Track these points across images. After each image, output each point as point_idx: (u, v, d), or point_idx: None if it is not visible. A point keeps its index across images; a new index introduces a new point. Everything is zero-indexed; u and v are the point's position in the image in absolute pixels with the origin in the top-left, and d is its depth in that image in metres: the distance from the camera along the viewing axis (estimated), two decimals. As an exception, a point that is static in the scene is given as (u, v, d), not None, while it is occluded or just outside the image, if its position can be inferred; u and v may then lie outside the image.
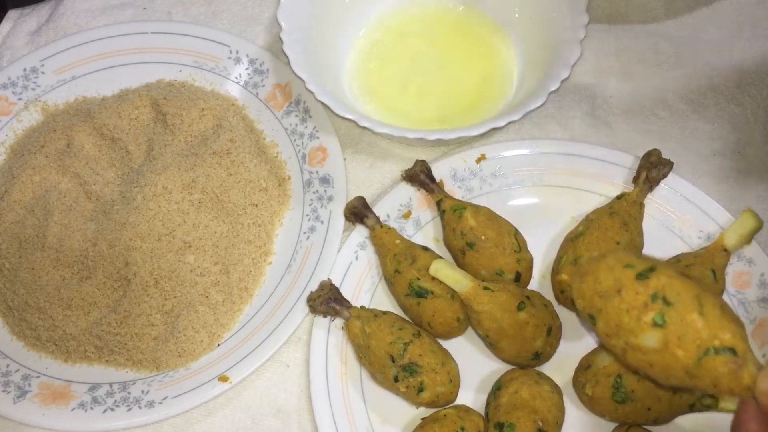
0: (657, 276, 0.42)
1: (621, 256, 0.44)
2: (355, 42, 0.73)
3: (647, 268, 0.43)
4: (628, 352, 0.44)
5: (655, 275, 0.43)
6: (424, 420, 0.57)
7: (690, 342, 0.41)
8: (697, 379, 0.42)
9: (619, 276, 0.43)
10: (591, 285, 0.44)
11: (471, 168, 0.66)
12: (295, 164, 0.68)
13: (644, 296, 0.42)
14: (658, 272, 0.43)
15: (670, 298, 0.42)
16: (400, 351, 0.57)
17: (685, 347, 0.41)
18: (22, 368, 0.62)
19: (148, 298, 0.62)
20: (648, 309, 0.42)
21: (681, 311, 0.41)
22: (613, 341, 0.44)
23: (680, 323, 0.41)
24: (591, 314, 0.45)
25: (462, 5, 0.74)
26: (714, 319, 0.41)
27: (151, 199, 0.63)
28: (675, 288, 0.42)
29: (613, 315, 0.43)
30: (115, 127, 0.68)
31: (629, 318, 0.42)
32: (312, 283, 0.62)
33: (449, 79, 0.71)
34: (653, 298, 0.42)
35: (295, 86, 0.70)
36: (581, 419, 0.58)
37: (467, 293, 0.57)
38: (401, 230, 0.64)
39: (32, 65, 0.72)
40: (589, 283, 0.44)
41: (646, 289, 0.42)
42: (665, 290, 0.42)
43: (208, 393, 0.59)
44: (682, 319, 0.41)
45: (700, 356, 0.41)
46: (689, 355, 0.41)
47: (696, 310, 0.41)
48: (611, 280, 0.43)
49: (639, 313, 0.42)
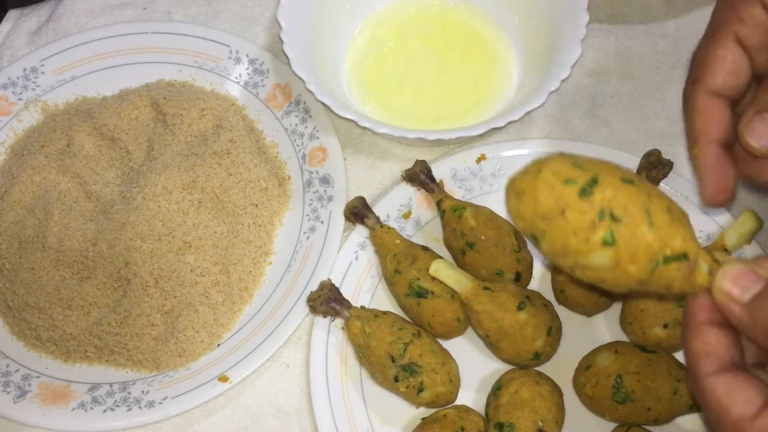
0: (601, 189, 0.39)
1: (558, 168, 0.40)
2: (355, 42, 0.73)
3: (589, 181, 0.39)
4: (577, 270, 0.41)
5: (599, 188, 0.39)
6: (424, 420, 0.57)
7: (642, 256, 0.39)
8: (649, 286, 0.41)
9: (561, 195, 0.39)
10: (530, 206, 0.40)
11: (471, 168, 0.66)
12: (295, 164, 0.68)
13: (591, 215, 0.39)
14: (601, 184, 0.39)
15: (617, 214, 0.39)
16: (400, 351, 0.57)
17: (637, 262, 0.39)
18: (22, 368, 0.62)
19: (148, 298, 0.62)
20: (596, 228, 0.39)
21: (630, 226, 0.39)
22: (560, 261, 0.41)
23: (630, 239, 0.39)
24: (534, 235, 0.41)
25: (461, 5, 0.74)
26: (663, 226, 0.39)
27: (151, 199, 0.63)
28: (621, 200, 0.39)
29: (558, 237, 0.40)
30: (115, 127, 0.68)
31: (577, 240, 0.39)
32: (312, 283, 0.62)
33: (449, 79, 0.71)
34: (600, 215, 0.39)
35: (295, 86, 0.70)
36: (581, 419, 0.58)
37: (467, 293, 0.57)
38: (401, 230, 0.64)
39: (32, 65, 0.72)
40: (527, 204, 0.40)
41: (592, 207, 0.39)
42: (612, 205, 0.39)
43: (208, 393, 0.59)
44: (632, 234, 0.39)
45: (653, 268, 0.40)
46: (642, 268, 0.40)
47: (645, 221, 0.39)
48: (552, 201, 0.39)
49: (587, 234, 0.39)
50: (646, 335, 0.58)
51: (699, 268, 0.40)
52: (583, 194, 0.39)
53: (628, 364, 0.55)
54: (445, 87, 0.71)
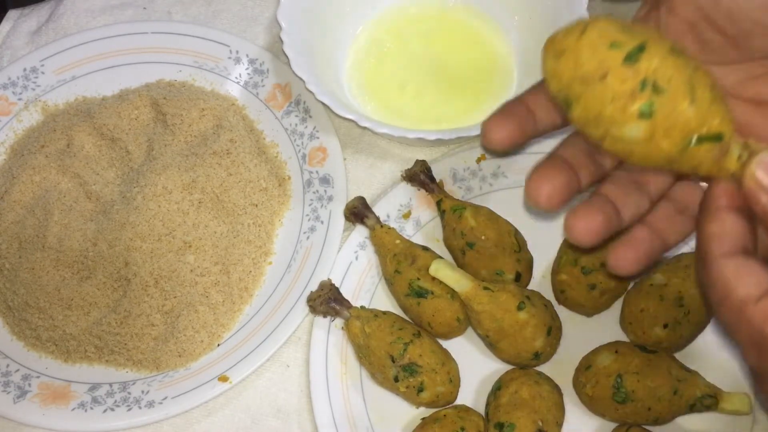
0: (648, 57, 0.37)
1: (604, 29, 0.37)
2: (355, 42, 0.73)
3: (637, 47, 0.37)
4: (606, 141, 0.39)
5: (646, 56, 0.37)
6: (424, 420, 0.57)
7: (677, 132, 0.37)
8: (677, 165, 0.39)
9: (604, 58, 0.37)
10: (570, 66, 0.38)
11: (471, 168, 0.66)
12: (295, 164, 0.68)
13: (632, 83, 0.37)
14: (648, 52, 0.37)
15: (660, 85, 0.37)
16: (400, 351, 0.57)
17: (671, 137, 0.38)
18: (22, 368, 0.62)
19: (148, 298, 0.62)
20: (635, 98, 0.37)
21: (671, 99, 0.37)
22: (591, 129, 0.39)
23: (669, 113, 0.37)
24: (567, 99, 0.39)
25: (461, 5, 0.74)
26: (705, 104, 0.37)
27: (151, 199, 0.63)
28: (667, 72, 0.37)
29: (593, 103, 0.38)
30: (115, 127, 0.68)
31: (613, 108, 0.37)
32: (312, 283, 0.62)
33: (449, 79, 0.71)
34: (642, 85, 0.37)
35: (295, 86, 0.70)
36: (581, 419, 0.58)
37: (467, 293, 0.57)
38: (401, 230, 0.64)
39: (32, 65, 0.72)
40: (567, 64, 0.38)
41: (635, 74, 0.37)
42: (656, 75, 0.37)
43: (208, 393, 0.59)
44: (672, 108, 0.37)
45: (686, 146, 0.38)
46: (674, 144, 0.38)
47: (687, 97, 0.37)
48: (594, 63, 0.37)
49: (625, 103, 0.37)
50: (646, 335, 0.58)
51: (731, 152, 0.38)
52: (628, 60, 0.37)
53: (629, 364, 0.55)
54: (445, 87, 0.71)
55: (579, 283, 0.59)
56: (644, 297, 0.58)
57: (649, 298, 0.58)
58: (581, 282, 0.59)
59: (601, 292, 0.59)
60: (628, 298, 0.59)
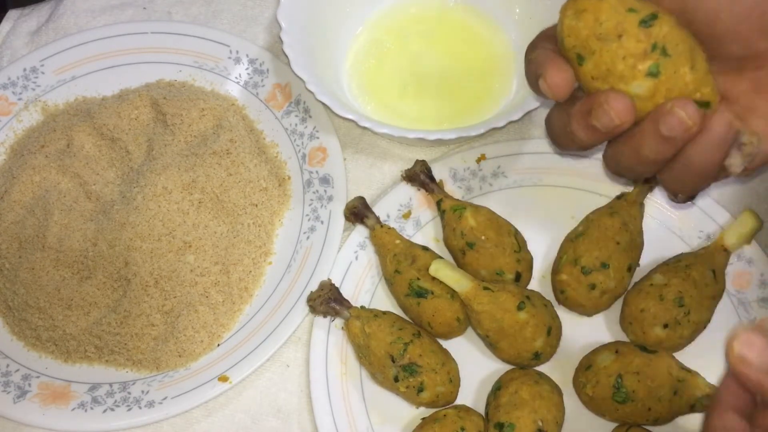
0: (660, 24, 0.41)
1: None
2: (355, 42, 0.73)
3: (650, 15, 0.41)
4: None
5: (658, 23, 0.41)
6: (424, 420, 0.57)
7: (676, 93, 0.42)
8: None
9: (622, 20, 0.41)
10: (589, 24, 0.42)
11: (471, 168, 0.66)
12: (295, 164, 0.68)
13: (645, 44, 0.41)
14: (660, 20, 0.41)
15: (669, 49, 0.41)
16: (400, 351, 0.57)
17: (670, 98, 0.42)
18: (22, 368, 0.62)
19: (148, 298, 0.62)
20: (646, 58, 0.41)
21: (676, 63, 0.41)
22: (598, 83, 0.43)
23: (672, 75, 0.41)
24: (580, 54, 0.43)
25: (461, 5, 0.74)
26: (701, 72, 0.42)
27: (151, 199, 0.63)
28: (675, 39, 0.41)
29: (606, 59, 0.42)
30: (115, 127, 0.68)
31: (624, 65, 0.42)
32: (312, 283, 0.62)
33: (449, 78, 0.71)
34: (653, 47, 0.41)
35: (295, 86, 0.70)
36: (581, 419, 0.58)
37: (467, 293, 0.57)
38: (401, 230, 0.64)
39: (32, 65, 0.72)
40: (587, 22, 0.42)
41: (648, 37, 0.41)
42: (666, 40, 0.41)
43: (208, 393, 0.59)
44: (675, 71, 0.41)
45: None
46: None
47: (689, 63, 0.42)
48: (613, 23, 0.41)
49: (636, 61, 0.41)
50: (646, 335, 0.58)
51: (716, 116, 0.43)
52: (643, 24, 0.41)
53: (629, 364, 0.55)
54: (445, 87, 0.71)
55: (579, 283, 0.59)
56: (644, 297, 0.58)
57: (649, 298, 0.58)
58: (581, 282, 0.59)
59: (601, 292, 0.59)
60: (628, 298, 0.59)
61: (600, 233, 0.59)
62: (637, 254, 0.61)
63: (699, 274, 0.58)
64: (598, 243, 0.59)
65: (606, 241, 0.59)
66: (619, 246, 0.59)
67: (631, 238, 0.60)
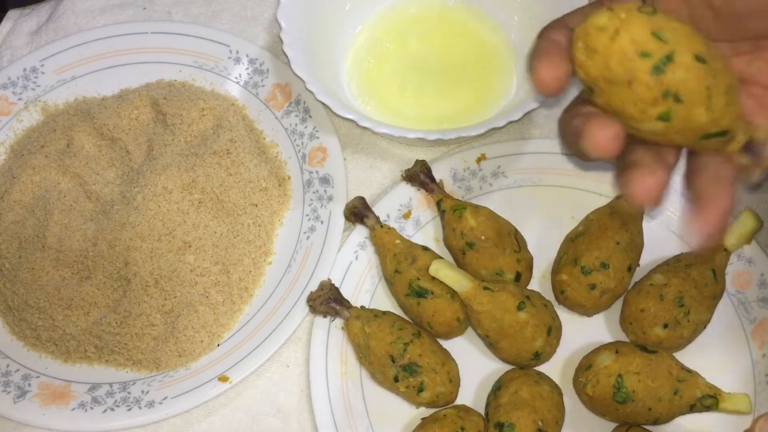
0: (673, 69, 0.38)
1: (636, 35, 0.39)
2: (355, 42, 0.73)
3: (664, 58, 0.38)
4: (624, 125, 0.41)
5: (672, 67, 0.38)
6: (424, 420, 0.57)
7: (690, 131, 0.40)
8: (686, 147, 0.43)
9: (633, 67, 0.39)
10: (599, 67, 0.39)
11: (471, 168, 0.66)
12: (295, 164, 0.68)
13: (656, 92, 0.39)
14: (675, 62, 0.38)
15: (682, 95, 0.39)
16: (400, 351, 0.57)
17: (683, 135, 0.41)
18: (22, 368, 0.62)
19: (148, 298, 0.62)
20: (657, 104, 0.39)
21: (689, 107, 0.39)
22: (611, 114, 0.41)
23: (685, 118, 0.40)
24: (592, 89, 0.41)
25: (461, 5, 0.74)
26: (718, 108, 0.40)
27: (151, 199, 0.63)
28: (689, 84, 0.39)
29: (617, 100, 0.40)
30: (115, 127, 0.68)
31: (635, 109, 0.40)
32: (312, 283, 0.62)
33: (449, 78, 0.71)
34: (664, 95, 0.39)
35: (295, 86, 0.70)
36: (581, 419, 0.58)
37: (467, 293, 0.57)
38: (401, 230, 0.64)
39: (32, 65, 0.72)
40: (596, 64, 0.40)
41: (660, 85, 0.38)
42: (679, 87, 0.39)
43: (208, 393, 0.59)
44: (688, 113, 0.39)
45: (696, 140, 0.41)
46: (685, 138, 0.41)
47: (704, 104, 0.39)
48: (623, 70, 0.39)
49: (646, 106, 0.39)
50: (646, 335, 0.58)
51: (735, 140, 0.42)
52: (655, 72, 0.39)
53: (629, 364, 0.55)
54: (445, 87, 0.71)
55: (579, 283, 0.59)
56: (644, 297, 0.58)
57: (649, 298, 0.58)
58: (581, 282, 0.59)
59: (601, 292, 0.59)
60: (628, 298, 0.60)
61: (600, 233, 0.59)
62: (637, 254, 0.61)
63: (699, 274, 0.58)
64: (598, 243, 0.59)
65: (606, 241, 0.59)
66: (619, 246, 0.59)
67: (631, 238, 0.60)
